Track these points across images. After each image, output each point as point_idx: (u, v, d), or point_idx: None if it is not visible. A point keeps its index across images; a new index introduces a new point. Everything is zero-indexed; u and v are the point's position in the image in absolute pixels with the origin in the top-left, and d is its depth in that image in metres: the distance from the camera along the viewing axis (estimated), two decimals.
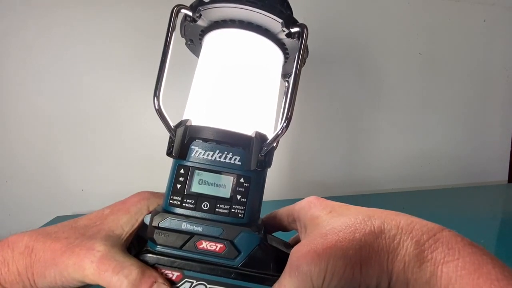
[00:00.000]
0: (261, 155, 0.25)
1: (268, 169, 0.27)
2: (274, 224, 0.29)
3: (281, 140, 0.33)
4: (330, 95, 0.79)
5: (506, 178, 0.99)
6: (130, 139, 0.66)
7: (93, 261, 0.21)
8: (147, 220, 0.25)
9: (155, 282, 0.22)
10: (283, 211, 0.28)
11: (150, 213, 0.25)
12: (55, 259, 0.22)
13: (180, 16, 0.28)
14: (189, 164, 0.25)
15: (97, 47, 0.63)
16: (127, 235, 0.25)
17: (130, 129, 0.65)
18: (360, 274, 0.19)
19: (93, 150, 0.64)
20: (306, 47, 0.30)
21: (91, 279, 0.21)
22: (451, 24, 0.87)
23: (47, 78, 0.61)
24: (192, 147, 0.25)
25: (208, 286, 0.23)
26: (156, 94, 0.25)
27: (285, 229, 0.29)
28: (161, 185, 0.26)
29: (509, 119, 0.98)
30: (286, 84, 0.37)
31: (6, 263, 0.22)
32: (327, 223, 0.22)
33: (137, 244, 0.26)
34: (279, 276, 0.22)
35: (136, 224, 0.25)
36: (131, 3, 0.63)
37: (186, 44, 0.33)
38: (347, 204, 0.25)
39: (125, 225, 0.25)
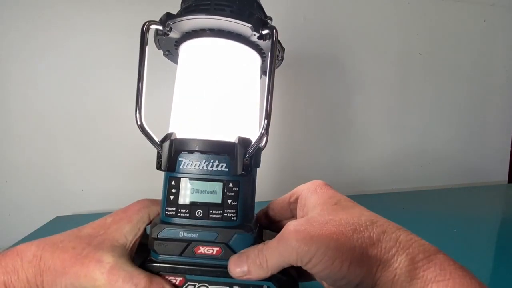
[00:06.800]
0: (246, 159, 0.25)
1: (258, 168, 0.28)
2: (275, 208, 0.30)
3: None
4: (329, 96, 0.79)
5: (506, 178, 0.99)
6: (130, 139, 0.66)
7: (103, 272, 0.23)
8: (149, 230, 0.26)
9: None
10: (286, 195, 0.29)
11: (151, 222, 0.27)
12: (65, 268, 0.23)
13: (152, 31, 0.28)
14: (179, 175, 0.25)
15: (97, 47, 0.63)
16: (131, 244, 0.26)
17: (130, 129, 0.65)
18: (348, 270, 0.20)
19: (93, 150, 0.64)
20: (280, 45, 0.30)
21: None
22: (451, 24, 0.87)
23: (47, 78, 0.61)
24: (180, 159, 0.25)
25: (210, 286, 0.24)
26: (138, 110, 0.25)
27: (285, 210, 0.29)
28: (161, 185, 0.26)
29: (509, 119, 0.98)
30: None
31: (16, 271, 0.23)
32: (328, 213, 0.23)
33: (141, 252, 0.27)
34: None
35: (139, 234, 0.27)
36: (129, 3, 0.63)
37: (164, 54, 0.33)
38: (353, 201, 0.25)
39: (128, 234, 0.26)
